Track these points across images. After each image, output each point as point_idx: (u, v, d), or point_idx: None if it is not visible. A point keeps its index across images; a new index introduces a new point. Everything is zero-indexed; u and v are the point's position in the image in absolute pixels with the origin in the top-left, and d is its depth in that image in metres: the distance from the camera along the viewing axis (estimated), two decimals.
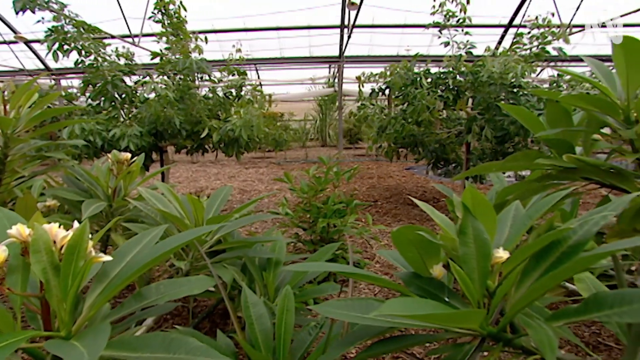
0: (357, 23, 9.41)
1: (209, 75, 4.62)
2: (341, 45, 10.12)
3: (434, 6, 3.85)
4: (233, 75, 4.90)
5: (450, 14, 3.81)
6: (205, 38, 4.74)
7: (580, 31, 7.31)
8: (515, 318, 0.80)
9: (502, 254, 0.81)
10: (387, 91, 4.06)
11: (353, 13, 8.58)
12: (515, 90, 3.46)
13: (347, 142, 14.86)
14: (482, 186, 5.33)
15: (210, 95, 4.73)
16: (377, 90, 4.13)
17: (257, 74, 13.10)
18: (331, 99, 14.61)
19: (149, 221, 1.97)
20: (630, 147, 1.25)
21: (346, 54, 10.62)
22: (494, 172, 1.89)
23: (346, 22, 9.18)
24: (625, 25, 8.07)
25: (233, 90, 4.86)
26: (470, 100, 3.90)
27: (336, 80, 11.65)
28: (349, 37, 9.38)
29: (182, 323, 2.26)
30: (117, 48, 4.30)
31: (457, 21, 3.83)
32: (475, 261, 0.81)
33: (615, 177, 1.28)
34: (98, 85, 3.90)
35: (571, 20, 7.39)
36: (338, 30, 9.75)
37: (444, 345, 1.81)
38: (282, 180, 3.05)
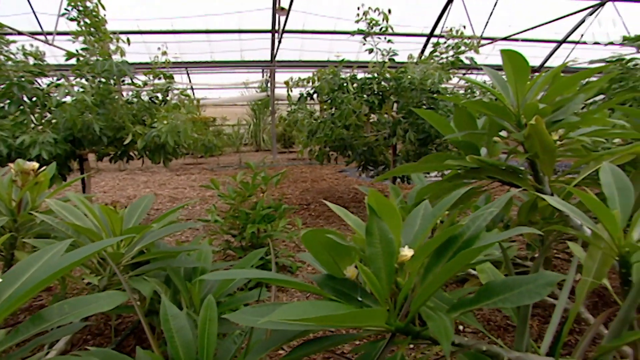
0: (287, 28, 9.47)
1: (132, 79, 4.39)
2: (272, 49, 10.12)
3: (358, 14, 3.99)
4: (159, 79, 4.70)
5: (374, 22, 3.97)
6: (128, 39, 4.50)
7: (490, 43, 7.98)
8: (421, 311, 0.85)
9: (407, 252, 0.86)
10: (315, 96, 4.13)
11: (283, 18, 8.63)
12: (434, 95, 3.68)
13: (281, 146, 14.85)
14: (409, 186, 5.59)
15: (135, 99, 4.50)
16: (305, 95, 4.18)
17: (189, 77, 12.69)
18: (265, 104, 14.54)
19: (60, 236, 1.82)
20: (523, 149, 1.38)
21: (278, 58, 10.64)
22: (412, 173, 1.99)
23: (277, 27, 9.20)
24: (524, 40, 8.93)
25: (159, 95, 4.66)
26: (395, 105, 4.08)
27: (269, 84, 11.62)
28: (280, 41, 9.42)
29: (104, 342, 2.11)
30: (23, 46, 3.93)
31: (380, 29, 4.00)
32: (382, 260, 0.85)
33: (512, 175, 1.41)
34: (2, 87, 3.54)
35: (482, 32, 8.02)
36: (269, 35, 9.75)
37: (366, 342, 1.88)
38: (210, 187, 2.98)
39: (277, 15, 8.67)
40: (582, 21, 8.39)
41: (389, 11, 3.99)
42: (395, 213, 0.87)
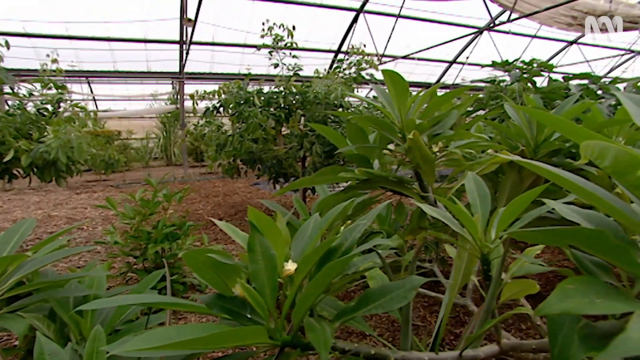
0: (196, 40, 9.23)
1: (12, 88, 3.93)
2: (181, 61, 9.77)
3: (263, 29, 4.04)
4: (49, 88, 4.27)
5: (279, 38, 4.05)
6: (6, 42, 4.02)
7: (391, 61, 8.58)
8: (305, 322, 0.87)
9: (290, 267, 0.88)
10: (221, 109, 4.07)
11: (191, 29, 8.39)
12: (338, 109, 3.84)
13: (193, 160, 14.31)
14: (316, 197, 5.73)
15: (18, 111, 4.03)
16: (211, 108, 4.10)
17: (90, 87, 11.70)
18: (175, 116, 13.92)
19: None
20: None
21: (187, 70, 10.30)
22: (309, 185, 2.03)
23: (185, 38, 8.92)
24: (421, 59, 9.75)
25: (49, 106, 4.23)
26: (302, 118, 4.16)
27: (178, 97, 11.16)
28: (187, 53, 9.12)
29: None
30: None
31: (285, 45, 4.09)
32: (265, 276, 0.85)
33: (399, 185, 1.52)
34: None
35: (384, 51, 8.58)
36: (177, 46, 9.40)
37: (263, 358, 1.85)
38: (106, 206, 2.76)
39: (185, 26, 8.41)
40: (467, 45, 9.44)
41: (294, 27, 4.09)
42: (276, 229, 0.88)
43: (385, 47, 8.80)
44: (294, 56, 4.21)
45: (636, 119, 0.61)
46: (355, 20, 8.90)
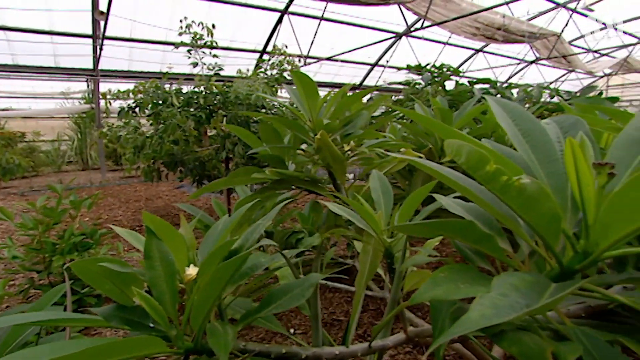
0: (112, 35, 8.64)
1: None
2: (95, 57, 9.07)
3: (181, 27, 3.89)
4: None
5: (198, 36, 3.92)
6: None
7: (316, 62, 8.73)
8: (207, 327, 0.85)
9: (191, 271, 0.85)
10: (137, 109, 3.85)
11: (104, 23, 7.83)
12: (260, 110, 3.82)
13: (112, 164, 13.37)
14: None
15: None
16: (126, 108, 3.86)
17: None
18: (90, 117, 12.87)
19: None
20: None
21: (103, 67, 9.59)
22: (224, 187, 2.00)
23: (98, 32, 8.29)
24: (345, 61, 10.04)
25: None
26: (225, 119, 4.07)
27: (94, 95, 10.34)
28: (101, 48, 8.50)
29: None
30: None
31: (205, 44, 3.97)
32: (164, 283, 0.82)
33: (313, 185, 1.54)
34: None
35: (308, 52, 8.69)
36: (90, 40, 8.70)
37: None
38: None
39: (97, 19, 7.82)
40: (387, 49, 9.91)
41: (213, 26, 3.99)
42: (176, 233, 0.85)
43: (310, 49, 8.91)
44: (214, 55, 4.10)
45: (499, 120, 0.67)
46: (280, 20, 8.90)
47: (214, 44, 4.02)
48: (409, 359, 2.24)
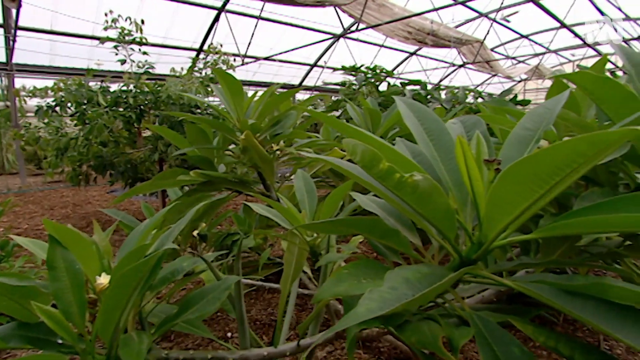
0: (27, 25, 7.94)
1: None
2: (7, 49, 8.27)
3: (106, 21, 3.66)
4: None
5: (126, 32, 3.71)
6: None
7: (254, 62, 8.64)
8: (120, 338, 0.81)
9: (103, 280, 0.81)
10: (57, 109, 3.57)
11: (15, 11, 7.17)
12: (195, 110, 3.70)
13: (35, 168, 12.30)
14: None
15: None
16: (45, 107, 3.57)
17: None
18: (6, 116, 11.71)
19: None
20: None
21: (19, 61, 8.77)
22: (149, 191, 1.92)
23: (10, 22, 7.57)
24: (283, 61, 10.04)
25: None
26: (157, 120, 3.90)
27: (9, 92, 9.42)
28: (14, 40, 7.77)
29: None
30: None
31: (134, 40, 3.77)
32: (71, 294, 0.77)
33: (241, 186, 1.52)
34: None
35: (246, 51, 8.58)
36: (2, 30, 7.92)
37: None
38: None
39: (8, 7, 7.14)
40: (326, 50, 10.06)
41: (142, 22, 3.79)
42: (84, 241, 0.80)
43: (248, 48, 8.78)
44: (144, 52, 3.91)
45: (405, 120, 0.70)
46: (217, 18, 8.69)
47: (144, 41, 3.83)
48: (345, 355, 2.28)
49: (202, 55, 5.01)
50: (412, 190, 0.49)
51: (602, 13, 8.29)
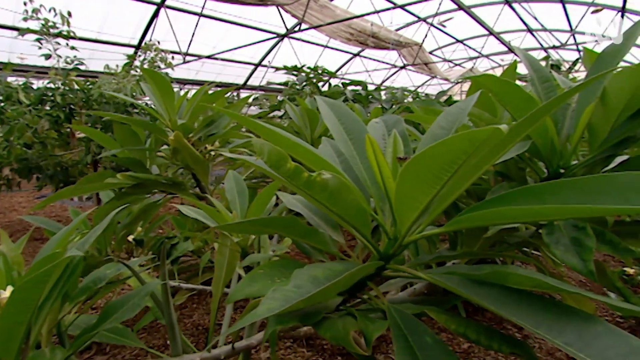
0: None
1: None
2: None
3: (25, 11, 3.37)
4: None
5: (50, 23, 3.45)
6: None
7: (196, 60, 8.41)
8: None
9: (7, 293, 0.74)
10: None
11: None
12: (132, 110, 3.53)
13: None
14: None
15: None
16: None
17: None
18: None
19: None
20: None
21: None
22: (74, 195, 1.81)
23: None
24: (227, 60, 9.85)
25: None
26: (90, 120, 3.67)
27: None
28: None
29: None
30: None
31: (60, 33, 3.51)
32: None
33: (175, 187, 1.47)
34: None
35: (187, 49, 8.32)
36: None
37: None
38: None
39: None
40: (270, 50, 10.02)
41: (69, 14, 3.54)
42: None
43: (189, 46, 8.51)
44: (72, 47, 3.65)
45: (325, 119, 0.71)
46: (156, 14, 8.33)
47: (72, 34, 3.58)
48: (290, 353, 2.28)
49: (140, 52, 4.79)
50: (322, 188, 0.50)
51: (525, 23, 8.95)
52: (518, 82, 1.00)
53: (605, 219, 0.84)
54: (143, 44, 4.46)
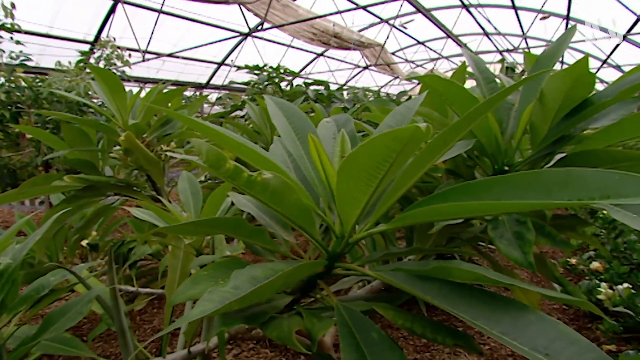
0: None
1: None
2: None
3: None
4: None
5: None
6: None
7: (156, 58, 8.18)
8: None
9: None
10: None
11: None
12: (87, 110, 3.39)
13: None
14: None
15: None
16: None
17: None
18: None
19: None
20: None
21: None
22: (14, 200, 1.73)
23: None
24: (189, 58, 9.65)
25: None
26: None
27: None
28: None
29: None
30: None
31: (2, 25, 3.31)
32: None
33: (128, 190, 1.43)
34: None
35: (147, 47, 8.08)
36: None
37: None
38: None
39: None
40: (233, 49, 9.90)
41: (13, 5, 3.33)
42: None
43: (148, 43, 8.25)
44: (17, 42, 3.45)
45: (273, 118, 0.71)
46: (113, 9, 8.02)
47: (16, 27, 3.37)
48: (253, 355, 2.26)
49: (95, 49, 4.59)
50: (263, 188, 0.50)
51: (481, 27, 9.29)
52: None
53: (545, 213, 0.89)
54: (99, 41, 4.27)
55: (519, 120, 0.90)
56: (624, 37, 9.70)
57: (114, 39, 3.96)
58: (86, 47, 8.82)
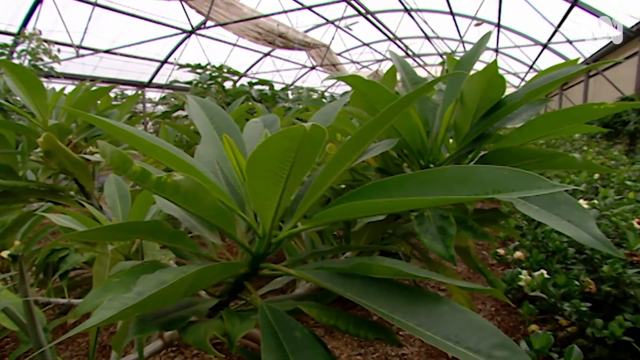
0: None
1: None
2: None
3: None
4: None
5: None
6: None
7: (93, 54, 7.73)
8: None
9: None
10: None
11: None
12: (4, 108, 3.13)
13: None
14: None
15: None
16: None
17: None
18: None
19: None
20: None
21: None
22: None
23: None
24: (126, 55, 9.22)
25: None
26: None
27: None
28: None
29: None
30: None
31: None
32: None
33: (52, 195, 1.34)
34: None
35: (81, 42, 7.64)
36: None
37: None
38: None
39: None
40: (177, 46, 9.59)
41: None
42: None
43: (83, 38, 7.78)
44: None
45: (194, 117, 0.69)
46: (40, 1, 7.48)
47: None
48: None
49: (20, 42, 4.25)
50: (175, 190, 0.48)
51: (422, 31, 9.67)
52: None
53: (466, 208, 0.94)
54: (22, 33, 3.95)
55: (441, 120, 0.95)
56: (545, 46, 10.57)
57: (40, 32, 3.68)
58: (9, 39, 8.16)
